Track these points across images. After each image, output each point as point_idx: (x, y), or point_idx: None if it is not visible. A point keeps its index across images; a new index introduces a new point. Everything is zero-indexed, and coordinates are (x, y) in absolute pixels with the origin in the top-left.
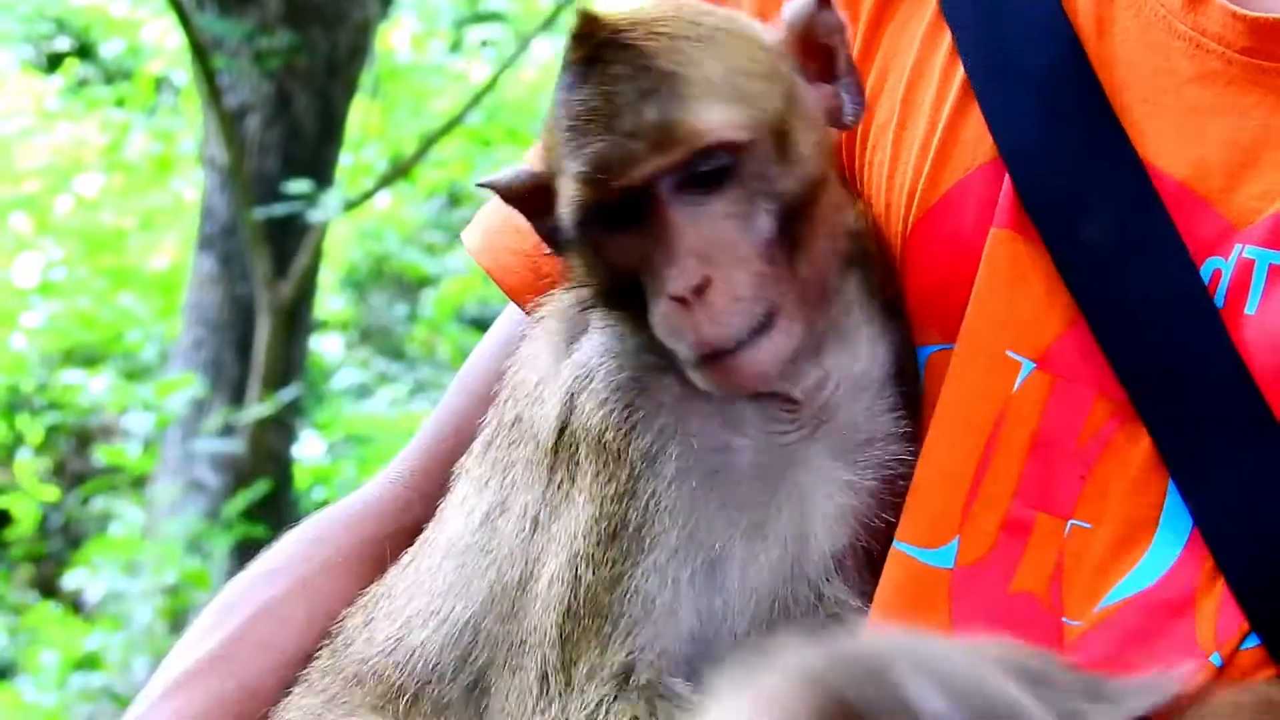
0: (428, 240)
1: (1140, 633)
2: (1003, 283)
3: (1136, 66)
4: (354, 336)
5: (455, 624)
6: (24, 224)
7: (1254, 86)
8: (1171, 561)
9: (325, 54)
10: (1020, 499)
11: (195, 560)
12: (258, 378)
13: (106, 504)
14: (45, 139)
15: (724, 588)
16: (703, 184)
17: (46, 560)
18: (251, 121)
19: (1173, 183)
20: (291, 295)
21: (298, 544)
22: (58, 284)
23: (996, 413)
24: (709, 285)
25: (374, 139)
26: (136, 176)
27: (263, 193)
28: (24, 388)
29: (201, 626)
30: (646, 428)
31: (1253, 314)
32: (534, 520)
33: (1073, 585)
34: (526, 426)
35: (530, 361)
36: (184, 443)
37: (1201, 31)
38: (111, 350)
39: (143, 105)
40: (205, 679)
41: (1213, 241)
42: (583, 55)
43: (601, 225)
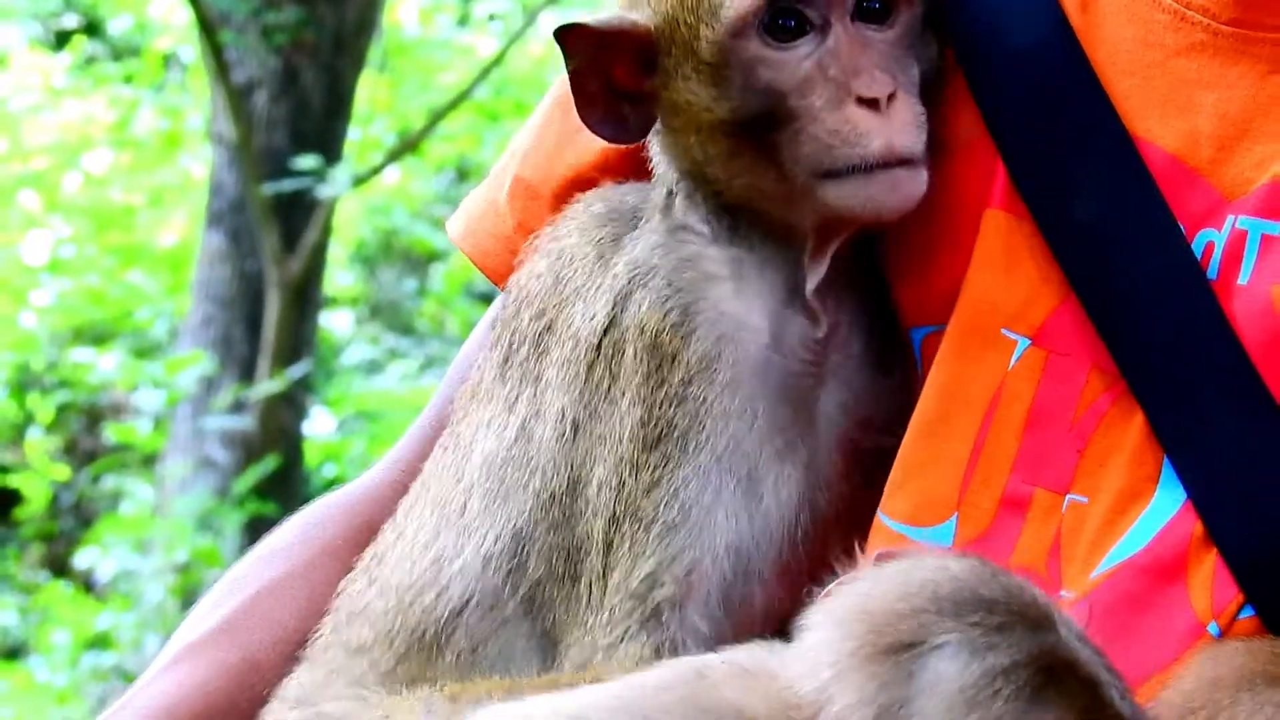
0: (436, 215)
1: (1131, 598)
2: (996, 262)
3: (1122, 41)
4: (363, 312)
5: (499, 539)
6: (33, 201)
7: (1241, 56)
8: (1162, 525)
9: (333, 29)
10: (1018, 475)
11: (206, 538)
12: (267, 354)
13: (117, 482)
14: (53, 116)
15: (761, 502)
16: (873, 18)
17: (57, 539)
18: (259, 97)
19: (1163, 156)
20: (300, 271)
21: (301, 527)
22: (67, 261)
23: (993, 391)
24: (896, 96)
25: (382, 114)
26: (145, 153)
27: (271, 168)
28: (34, 366)
29: (206, 603)
30: (706, 333)
31: (1245, 284)
32: (573, 423)
33: (1070, 558)
34: (562, 329)
35: (559, 268)
36: (194, 420)
37: (1187, 4)
38: (121, 328)
39: (150, 82)
40: (209, 650)
41: (1205, 214)
42: None
43: (765, 39)
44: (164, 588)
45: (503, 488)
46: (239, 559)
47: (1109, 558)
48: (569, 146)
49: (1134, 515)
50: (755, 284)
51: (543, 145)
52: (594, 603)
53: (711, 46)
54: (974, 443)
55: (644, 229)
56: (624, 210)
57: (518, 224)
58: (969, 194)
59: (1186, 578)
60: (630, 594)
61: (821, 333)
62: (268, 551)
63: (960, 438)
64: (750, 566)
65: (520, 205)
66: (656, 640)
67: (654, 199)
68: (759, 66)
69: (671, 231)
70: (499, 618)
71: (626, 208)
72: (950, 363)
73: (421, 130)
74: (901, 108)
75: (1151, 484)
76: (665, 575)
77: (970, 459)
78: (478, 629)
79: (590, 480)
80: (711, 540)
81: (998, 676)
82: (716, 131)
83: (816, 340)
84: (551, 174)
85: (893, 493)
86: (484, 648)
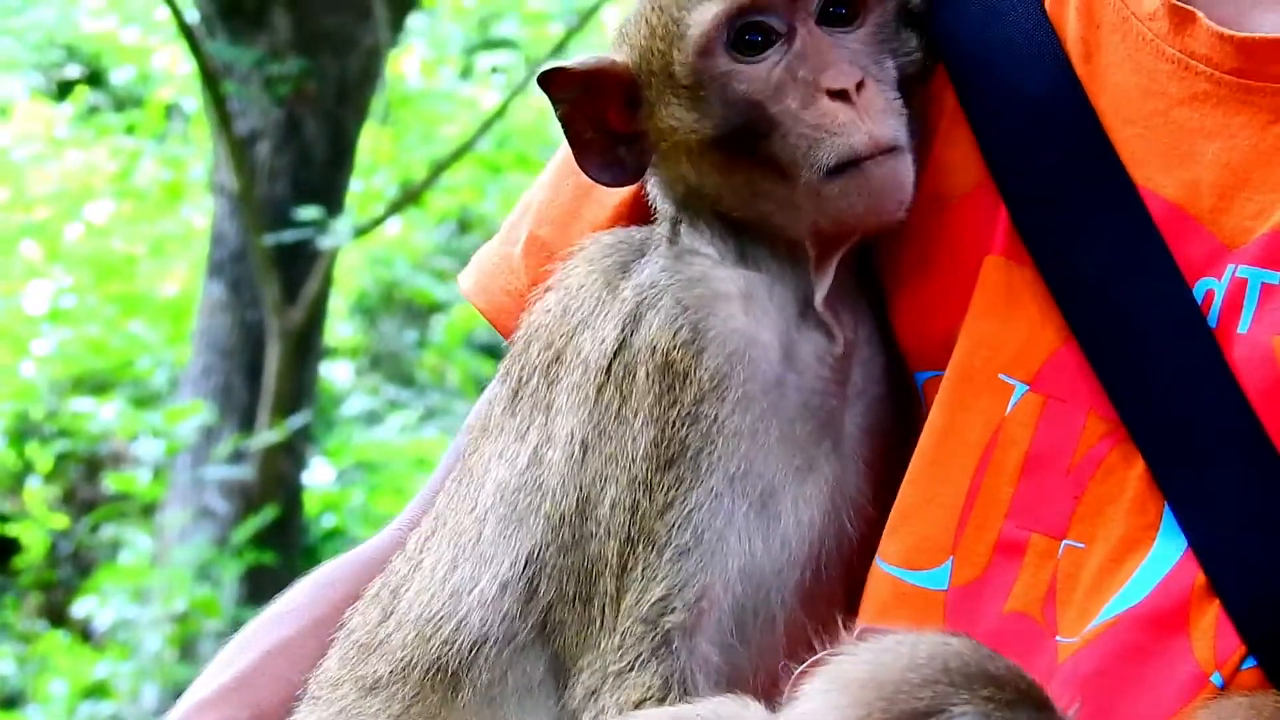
0: (438, 266)
1: (1133, 648)
2: (995, 307)
3: (1124, 90)
4: (364, 363)
5: (514, 564)
6: (34, 251)
7: (1243, 106)
8: (1163, 575)
9: (335, 80)
10: (1013, 520)
11: (205, 587)
12: (267, 404)
13: (116, 531)
14: (55, 166)
15: (777, 524)
16: (839, 23)
17: (55, 588)
18: (262, 148)
19: (1164, 204)
20: (301, 321)
21: (311, 588)
22: (68, 311)
23: (989, 435)
24: (865, 85)
25: (384, 165)
26: (146, 203)
27: (272, 219)
28: (34, 415)
29: (218, 661)
30: (717, 350)
31: (1244, 333)
32: (582, 444)
33: (1066, 604)
34: (571, 357)
35: (569, 300)
36: (194, 469)
37: (1189, 54)
38: (121, 377)
39: (153, 132)
40: (220, 707)
41: (1205, 262)
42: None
43: (734, 54)
44: (162, 637)
45: (515, 513)
46: (237, 609)
47: (1109, 607)
48: (585, 203)
49: (1134, 564)
50: (765, 301)
51: (558, 202)
52: (606, 625)
53: (684, 69)
54: (969, 487)
55: (651, 255)
56: (632, 242)
57: (533, 280)
58: (969, 241)
59: (1188, 628)
60: (641, 618)
61: (839, 349)
62: (278, 612)
63: (956, 481)
64: (768, 591)
65: (536, 263)
66: (666, 670)
67: (659, 231)
68: (732, 81)
69: (678, 256)
70: (516, 646)
71: (634, 240)
72: (947, 407)
73: (423, 182)
74: (872, 95)
75: (1152, 532)
76: (676, 600)
77: (965, 503)
78: (497, 661)
79: (602, 500)
80: (723, 565)
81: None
82: (706, 151)
83: (835, 357)
84: (568, 231)
85: (888, 536)
86: (502, 682)
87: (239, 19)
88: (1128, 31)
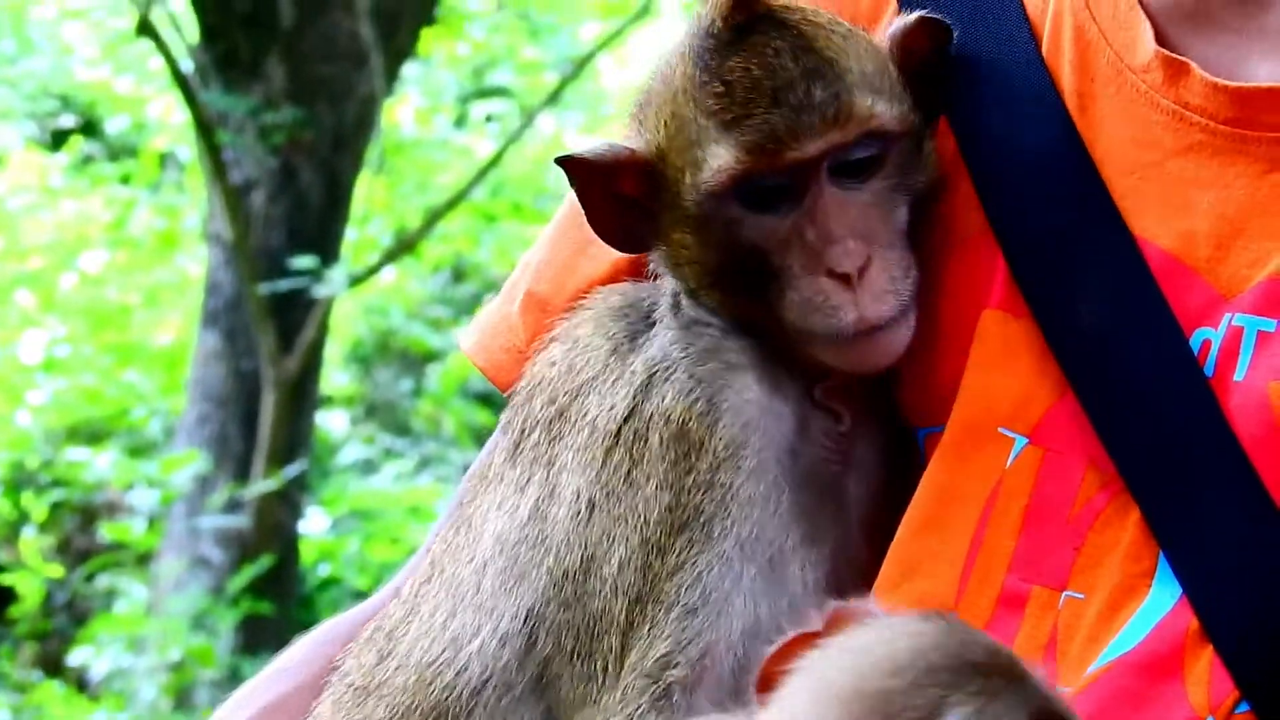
0: (433, 315)
1: (1129, 694)
2: (994, 361)
3: (1120, 141)
4: (359, 412)
5: (515, 618)
6: (29, 300)
7: (1239, 156)
8: (1157, 621)
9: (330, 129)
10: (1015, 573)
11: (200, 636)
12: (263, 453)
13: (111, 581)
14: (50, 215)
15: (784, 588)
16: (856, 171)
17: (51, 638)
18: (256, 197)
19: (1161, 254)
20: (296, 370)
21: (309, 645)
22: (62, 360)
23: (990, 488)
24: (869, 264)
25: (379, 214)
26: (141, 252)
27: (268, 268)
28: (29, 464)
29: (217, 717)
30: (731, 420)
31: (1240, 380)
32: (589, 503)
33: (1066, 654)
34: (577, 417)
35: (573, 358)
36: (189, 519)
37: (1184, 105)
38: (116, 426)
39: (147, 181)
40: None
41: (1202, 312)
42: (739, 24)
43: (744, 202)
44: (157, 686)
45: (517, 566)
46: (233, 658)
47: (1105, 654)
48: (581, 260)
49: (1129, 611)
50: (775, 372)
51: (555, 259)
52: (609, 682)
53: (693, 204)
54: (971, 540)
55: (659, 327)
56: (639, 304)
57: (530, 338)
58: (967, 295)
59: (1183, 673)
60: (644, 673)
61: (845, 427)
62: (276, 669)
63: (958, 536)
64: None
65: (533, 319)
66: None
67: (665, 295)
68: (739, 227)
69: (686, 327)
70: (513, 697)
71: (642, 302)
72: (948, 460)
73: (418, 230)
74: (875, 275)
75: (1147, 580)
76: (679, 656)
77: (968, 557)
78: (495, 710)
79: (609, 559)
80: (728, 625)
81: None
82: (706, 274)
83: (841, 433)
84: (564, 288)
85: (890, 590)
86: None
87: (234, 68)
88: (1122, 84)
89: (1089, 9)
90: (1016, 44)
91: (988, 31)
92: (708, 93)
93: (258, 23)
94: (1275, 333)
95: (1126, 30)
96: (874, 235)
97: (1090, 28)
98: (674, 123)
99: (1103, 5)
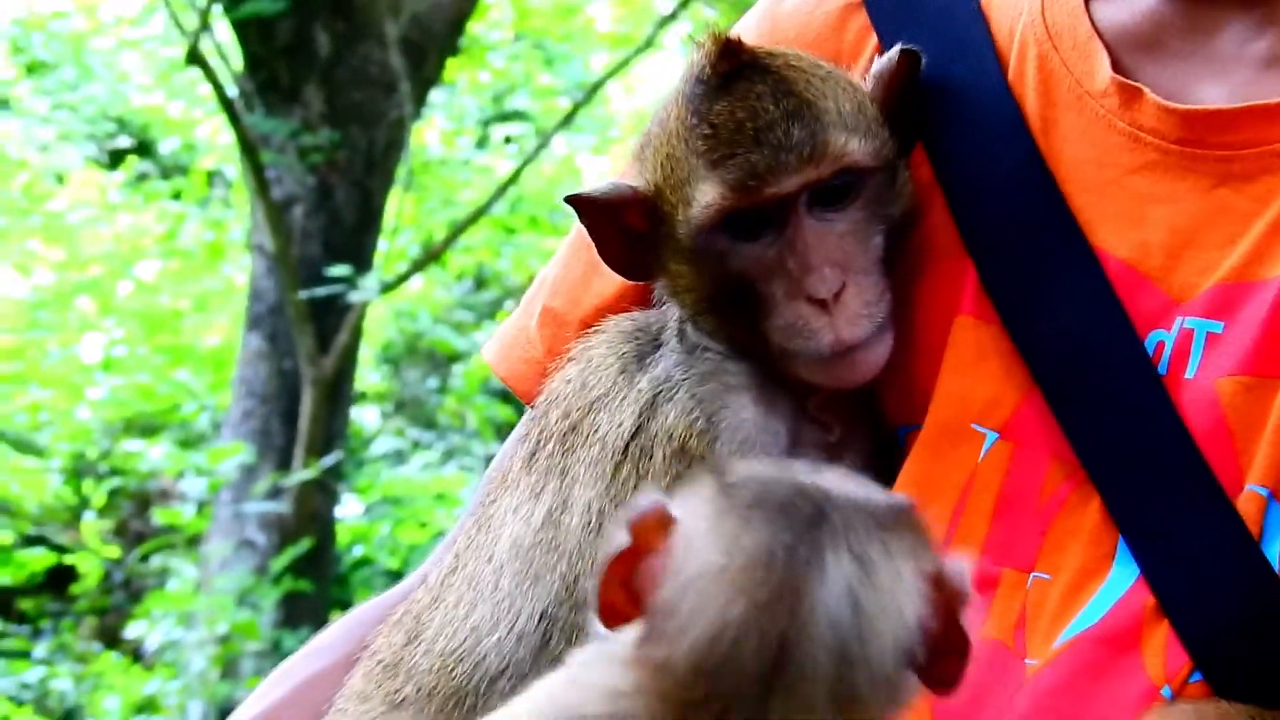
0: (457, 319)
1: (1090, 666)
2: (966, 363)
3: (1081, 161)
4: (390, 407)
5: (530, 618)
6: (89, 306)
7: (1188, 173)
8: (1116, 599)
9: (364, 150)
10: (988, 557)
11: (245, 612)
12: (302, 445)
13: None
14: (108, 228)
15: None
16: (832, 202)
17: (109, 613)
18: (296, 211)
19: (1119, 264)
20: (333, 370)
21: (343, 627)
22: (119, 360)
23: (965, 480)
24: (844, 289)
25: (408, 227)
26: (191, 262)
27: (306, 276)
28: (89, 455)
29: (256, 694)
30: (729, 438)
31: (1191, 378)
32: (599, 514)
33: (1034, 631)
34: (588, 432)
35: (586, 376)
36: (235, 505)
37: (1139, 127)
38: (168, 420)
39: (196, 197)
40: None
41: (1156, 315)
42: (725, 72)
43: (732, 234)
44: (206, 658)
45: (531, 569)
46: (275, 632)
47: (1068, 629)
48: (594, 277)
49: (1091, 590)
50: (770, 392)
51: (569, 276)
52: None
53: (685, 237)
54: (947, 527)
55: (664, 350)
56: (648, 328)
57: (547, 350)
58: (941, 303)
59: (1141, 646)
60: None
61: (834, 438)
62: (314, 648)
63: (935, 523)
64: None
65: (550, 333)
66: None
67: (672, 323)
68: (728, 257)
69: (689, 350)
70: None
71: (650, 327)
72: (926, 454)
73: (444, 242)
74: (850, 299)
75: (1108, 561)
76: None
77: (944, 542)
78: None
79: None
80: None
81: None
82: (702, 300)
83: (831, 443)
84: (578, 304)
85: None
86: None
87: (275, 94)
88: (1082, 108)
89: (1051, 40)
90: (987, 74)
91: (960, 62)
92: (697, 135)
93: (297, 53)
94: (1223, 334)
95: (1085, 59)
96: (849, 262)
97: (1052, 56)
98: (669, 163)
99: (1064, 36)
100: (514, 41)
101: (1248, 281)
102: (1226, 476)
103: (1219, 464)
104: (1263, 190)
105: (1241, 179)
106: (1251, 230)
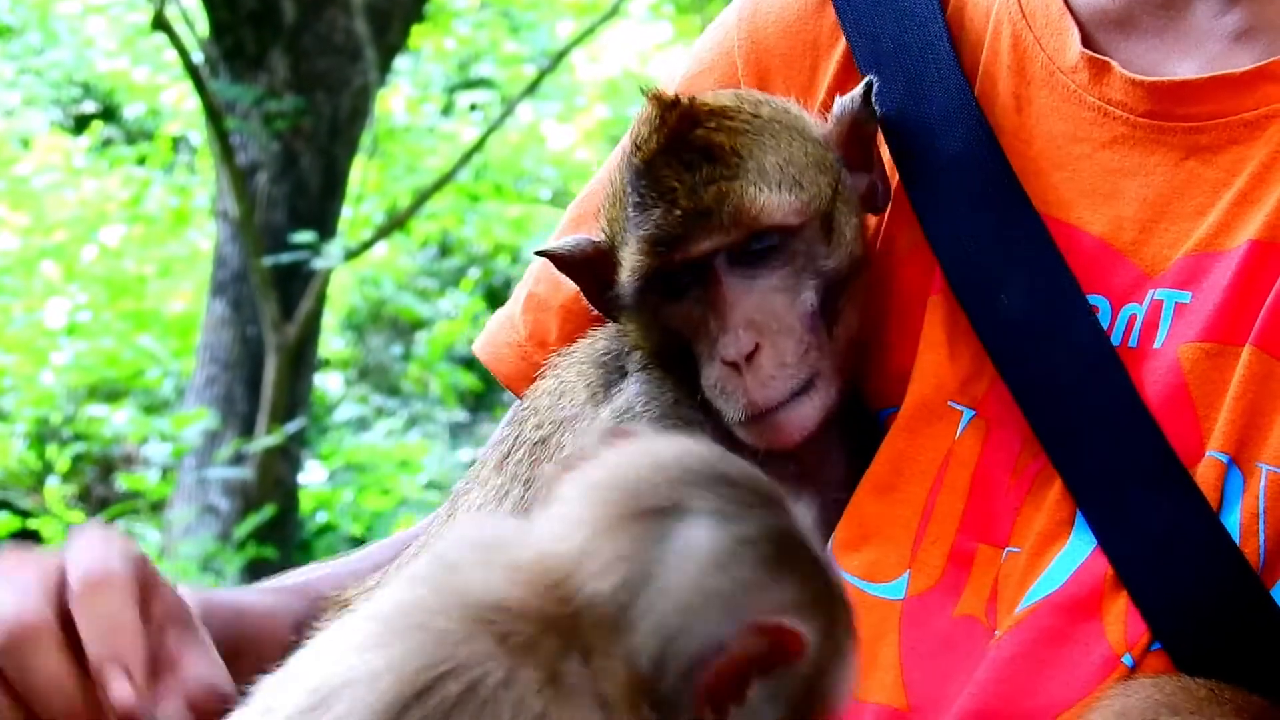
0: (421, 286)
1: (1051, 632)
2: (941, 343)
3: (1053, 138)
4: (353, 374)
5: None
6: (53, 271)
7: (1157, 146)
8: (1076, 566)
9: (328, 117)
10: (964, 533)
11: (209, 578)
12: (266, 412)
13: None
14: (73, 193)
15: None
16: (754, 261)
17: None
18: (261, 178)
19: (1092, 240)
20: (297, 336)
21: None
22: (83, 325)
23: (942, 457)
24: (758, 352)
25: (372, 194)
26: (155, 228)
27: (271, 243)
28: (53, 420)
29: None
30: None
31: (1159, 348)
32: None
33: (1003, 600)
34: (555, 449)
35: (560, 394)
36: (198, 471)
37: (1107, 101)
38: (132, 386)
39: (161, 163)
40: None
41: (1129, 289)
42: (661, 135)
43: (659, 293)
44: None
45: None
46: None
47: (1030, 594)
48: None
49: (1051, 556)
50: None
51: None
52: None
53: (624, 294)
54: (925, 505)
55: (628, 380)
56: (620, 354)
57: (529, 334)
58: (914, 287)
59: (1102, 614)
60: None
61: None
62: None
63: (914, 501)
64: None
65: (531, 317)
66: None
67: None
68: (659, 313)
69: (650, 382)
70: None
71: (622, 352)
72: (904, 432)
73: (408, 209)
74: (763, 361)
75: (1066, 528)
76: None
77: (922, 520)
78: None
79: None
80: None
81: (745, 543)
82: (648, 354)
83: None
84: (559, 288)
85: (848, 550)
86: None
87: (240, 60)
88: (1054, 85)
89: (1025, 19)
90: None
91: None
92: (629, 199)
93: (262, 19)
94: (1190, 303)
95: (1057, 36)
96: (767, 322)
97: (1026, 35)
98: (612, 224)
99: (1037, 15)
100: (480, 9)
101: (1215, 251)
102: (1187, 444)
103: (1179, 431)
104: (1231, 160)
105: (1210, 150)
106: (1220, 201)
